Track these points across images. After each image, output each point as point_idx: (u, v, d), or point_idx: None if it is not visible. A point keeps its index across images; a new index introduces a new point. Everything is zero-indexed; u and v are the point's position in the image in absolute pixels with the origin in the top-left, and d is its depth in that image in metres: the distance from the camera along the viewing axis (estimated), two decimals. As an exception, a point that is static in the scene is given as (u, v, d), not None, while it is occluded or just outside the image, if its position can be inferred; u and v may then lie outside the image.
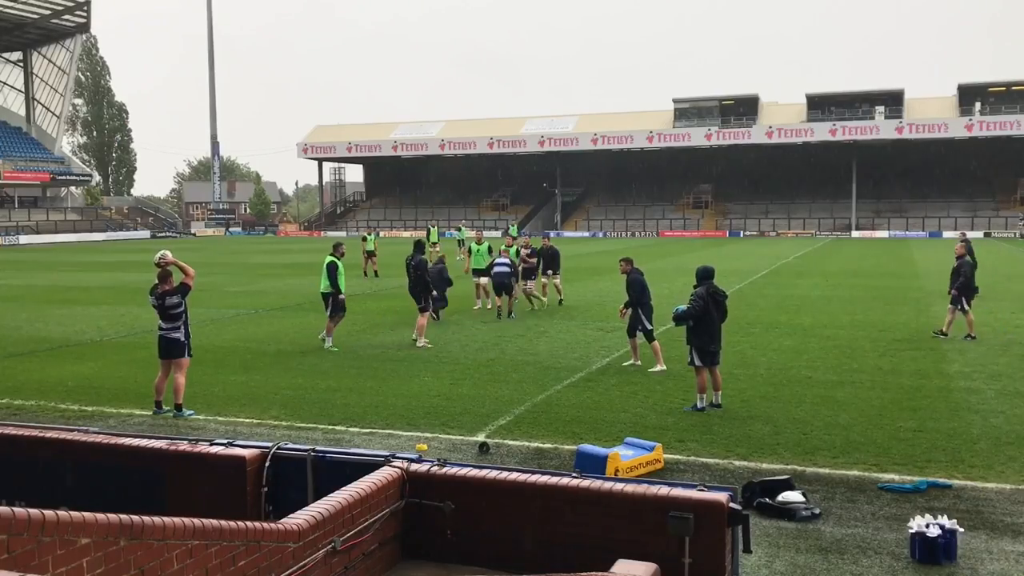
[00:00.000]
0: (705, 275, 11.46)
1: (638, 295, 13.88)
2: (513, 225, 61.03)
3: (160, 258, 11.56)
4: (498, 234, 77.57)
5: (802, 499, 7.75)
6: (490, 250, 22.28)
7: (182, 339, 11.53)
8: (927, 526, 6.67)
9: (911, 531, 6.74)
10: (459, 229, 46.62)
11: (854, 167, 75.93)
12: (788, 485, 7.91)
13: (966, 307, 16.61)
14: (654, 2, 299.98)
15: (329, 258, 16.64)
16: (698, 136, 79.18)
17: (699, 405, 11.23)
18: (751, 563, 6.54)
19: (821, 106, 78.35)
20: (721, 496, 4.44)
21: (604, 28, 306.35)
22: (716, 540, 4.38)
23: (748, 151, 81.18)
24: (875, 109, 75.41)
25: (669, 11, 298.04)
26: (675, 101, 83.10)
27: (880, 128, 74.06)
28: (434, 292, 17.56)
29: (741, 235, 75.49)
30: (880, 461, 9.12)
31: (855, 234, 72.88)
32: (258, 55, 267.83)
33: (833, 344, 16.32)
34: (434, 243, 39.96)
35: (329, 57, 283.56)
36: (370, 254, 33.32)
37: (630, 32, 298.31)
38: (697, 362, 11.23)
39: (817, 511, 7.65)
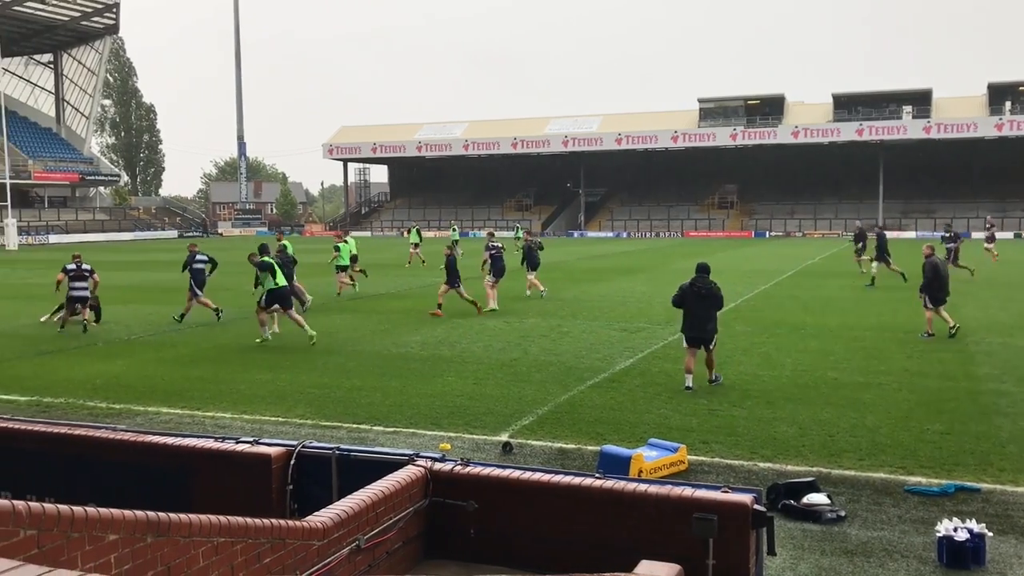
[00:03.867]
0: (697, 269, 12.80)
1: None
2: (519, 227, 61.03)
3: None
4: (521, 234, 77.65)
5: (827, 501, 7.70)
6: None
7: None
8: (955, 530, 6.60)
9: (939, 535, 6.68)
10: (517, 229, 47.44)
11: (881, 167, 75.24)
12: (813, 487, 7.86)
13: (928, 304, 16.94)
14: (680, 1, 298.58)
15: (268, 259, 17.43)
16: (723, 136, 78.78)
17: (687, 384, 12.37)
18: (775, 565, 6.50)
19: (848, 106, 77.71)
20: (745, 498, 4.42)
21: (626, 27, 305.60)
22: (740, 542, 4.36)
23: (774, 151, 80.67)
24: (903, 109, 74.66)
25: (694, 9, 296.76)
26: (700, 101, 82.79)
27: (908, 128, 73.32)
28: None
29: (767, 235, 75.04)
30: (907, 464, 9.03)
31: (882, 235, 72.15)
32: (284, 56, 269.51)
33: (859, 346, 16.19)
34: (415, 243, 39.85)
35: (352, 58, 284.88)
36: (415, 246, 38.40)
37: (654, 31, 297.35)
38: (683, 344, 12.87)
39: (842, 513, 7.59)
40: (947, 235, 31.47)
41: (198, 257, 20.73)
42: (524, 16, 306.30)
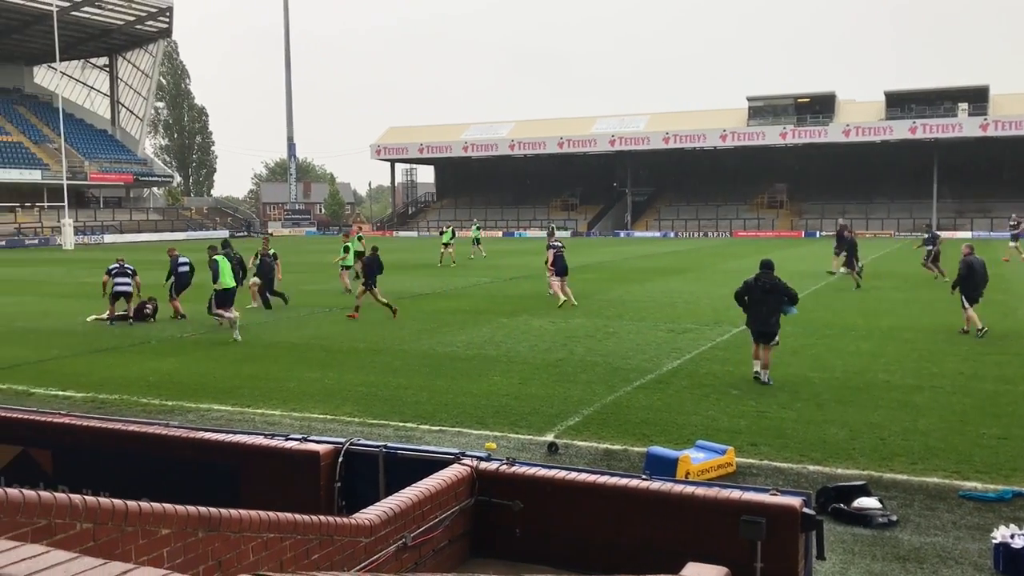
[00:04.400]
0: (761, 265, 13.41)
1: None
2: (553, 227, 61.31)
3: None
4: (567, 234, 77.49)
5: (878, 505, 7.57)
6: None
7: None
8: (1012, 536, 6.45)
9: (995, 541, 6.53)
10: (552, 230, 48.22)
11: (935, 166, 73.76)
12: (864, 491, 7.73)
13: (964, 303, 17.32)
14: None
15: (217, 257, 19.10)
16: (773, 135, 77.81)
17: (755, 368, 13.06)
18: (825, 570, 6.42)
19: (901, 103, 76.25)
20: (794, 501, 4.36)
21: (672, 24, 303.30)
22: (789, 545, 4.31)
23: (824, 150, 79.53)
24: (958, 106, 73.01)
25: (742, 6, 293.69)
26: (749, 99, 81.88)
27: (963, 126, 71.70)
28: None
29: (817, 235, 73.92)
30: (961, 468, 8.85)
31: (936, 235, 70.75)
32: (332, 57, 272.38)
33: (912, 348, 15.90)
34: (446, 243, 40.44)
35: (397, 60, 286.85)
36: (446, 245, 39.37)
37: (701, 28, 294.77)
38: (751, 338, 13.34)
39: (894, 518, 7.46)
40: (927, 236, 31.32)
41: (180, 260, 21.85)
42: (568, 14, 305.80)
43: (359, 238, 31.17)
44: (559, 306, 21.78)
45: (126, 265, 20.91)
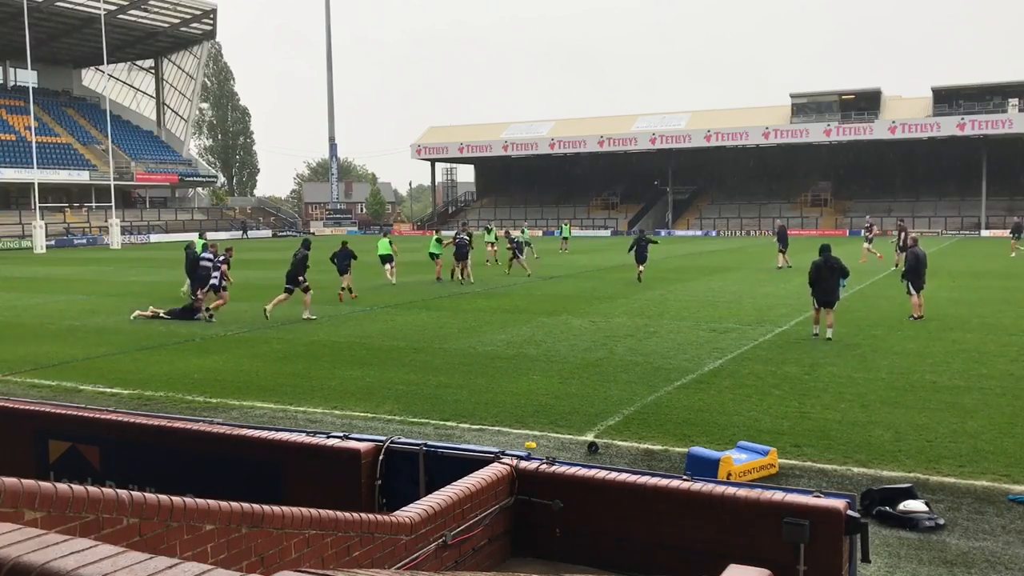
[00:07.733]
0: (821, 250, 17.09)
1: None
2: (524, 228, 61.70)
3: None
4: (607, 232, 77.26)
5: (925, 509, 7.44)
6: None
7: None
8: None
9: (1045, 546, 6.39)
10: (561, 228, 49.69)
11: (984, 163, 72.32)
12: (910, 494, 7.61)
13: (911, 290, 19.07)
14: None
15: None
16: (816, 132, 76.77)
17: (815, 332, 16.75)
18: (870, 573, 6.33)
19: (949, 99, 74.76)
20: (838, 503, 4.31)
21: (713, 21, 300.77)
22: (833, 548, 4.25)
23: (870, 147, 78.35)
24: (1008, 102, 71.46)
25: (784, 1, 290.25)
26: (792, 96, 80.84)
27: (1013, 122, 70.10)
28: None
29: (862, 234, 72.89)
30: (1011, 471, 8.66)
31: (985, 233, 69.40)
32: (374, 58, 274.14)
33: (960, 348, 15.60)
34: (491, 242, 40.88)
35: (438, 60, 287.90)
36: (491, 243, 40.36)
37: (743, 25, 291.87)
38: (815, 305, 16.76)
39: (941, 522, 7.33)
40: (642, 235, 31.15)
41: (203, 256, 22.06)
42: (608, 13, 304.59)
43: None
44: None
45: (204, 254, 21.78)
